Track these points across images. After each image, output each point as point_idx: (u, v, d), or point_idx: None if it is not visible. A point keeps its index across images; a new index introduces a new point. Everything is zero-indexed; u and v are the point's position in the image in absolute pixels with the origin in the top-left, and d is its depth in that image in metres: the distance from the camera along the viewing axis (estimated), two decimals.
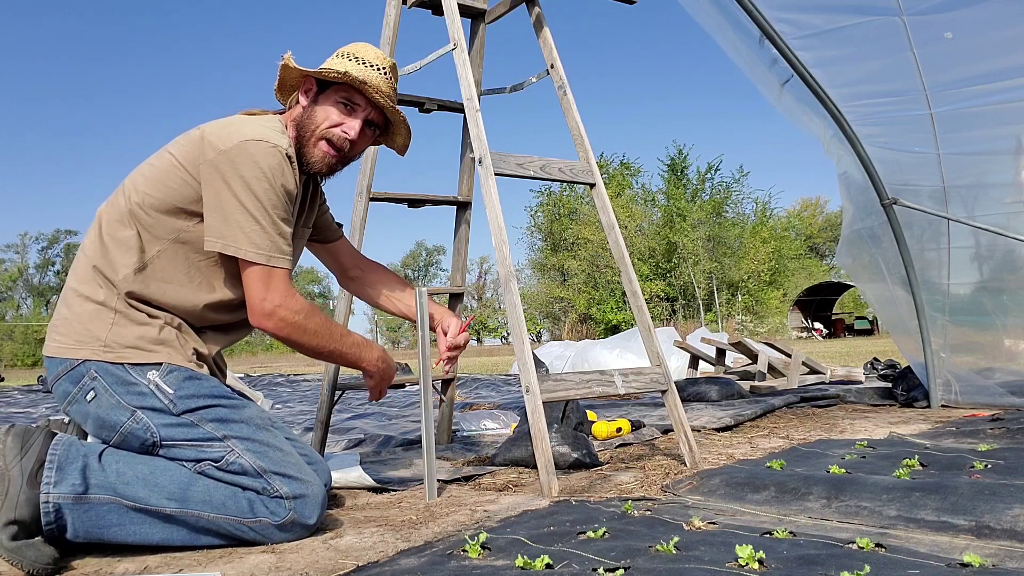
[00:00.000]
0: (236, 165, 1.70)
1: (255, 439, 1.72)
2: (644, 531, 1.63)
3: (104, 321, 1.73)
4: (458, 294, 3.23)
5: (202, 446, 1.69)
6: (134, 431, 1.69)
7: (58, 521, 1.58)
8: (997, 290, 3.89)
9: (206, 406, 1.72)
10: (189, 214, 1.76)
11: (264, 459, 1.71)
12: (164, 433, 1.69)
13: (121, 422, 1.69)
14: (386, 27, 2.87)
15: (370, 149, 2.86)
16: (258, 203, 1.71)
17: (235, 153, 1.71)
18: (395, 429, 3.78)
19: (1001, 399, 3.76)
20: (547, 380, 2.27)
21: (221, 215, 1.71)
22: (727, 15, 3.18)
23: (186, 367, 1.75)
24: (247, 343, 47.61)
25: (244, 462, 1.69)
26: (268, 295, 1.75)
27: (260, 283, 1.74)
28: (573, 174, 2.66)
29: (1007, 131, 3.39)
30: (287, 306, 1.77)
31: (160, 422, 1.69)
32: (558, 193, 36.54)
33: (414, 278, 59.24)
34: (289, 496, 1.69)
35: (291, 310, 1.77)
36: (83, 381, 1.71)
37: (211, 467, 1.69)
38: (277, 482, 1.69)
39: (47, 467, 1.59)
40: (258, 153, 1.71)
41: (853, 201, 3.95)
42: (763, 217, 35.49)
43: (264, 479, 1.69)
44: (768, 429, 3.47)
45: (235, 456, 1.69)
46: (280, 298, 1.76)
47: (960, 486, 1.80)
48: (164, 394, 1.70)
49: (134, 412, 1.68)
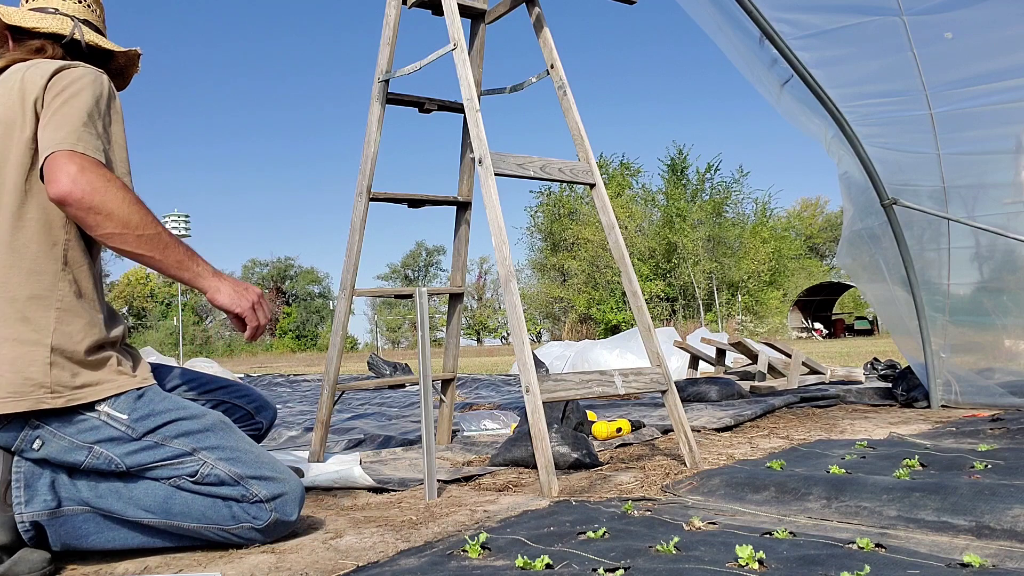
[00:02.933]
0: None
1: (225, 446, 1.66)
2: (644, 531, 1.63)
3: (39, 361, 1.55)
4: (458, 294, 3.23)
5: (173, 464, 1.61)
6: (96, 467, 1.58)
7: (38, 533, 1.55)
8: (997, 290, 3.88)
9: (167, 422, 1.63)
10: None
11: (238, 464, 1.64)
12: (130, 461, 1.59)
13: (80, 461, 1.57)
14: (386, 27, 2.87)
15: (370, 150, 2.87)
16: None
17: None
18: (395, 429, 3.78)
19: (1001, 399, 3.76)
20: (547, 380, 2.27)
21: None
22: (727, 15, 3.18)
23: (132, 388, 1.64)
24: (247, 343, 47.65)
25: (219, 472, 1.63)
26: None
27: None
28: (573, 174, 2.66)
29: (1007, 131, 3.39)
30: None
31: (122, 451, 1.59)
32: (558, 193, 36.59)
33: (414, 278, 59.27)
34: (269, 498, 1.65)
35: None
36: (23, 432, 1.56)
37: (187, 482, 1.62)
38: (255, 486, 1.64)
39: (14, 487, 1.53)
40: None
41: (853, 201, 3.95)
42: (763, 217, 35.52)
43: (242, 486, 1.64)
44: (768, 429, 3.47)
45: (209, 468, 1.62)
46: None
47: (960, 486, 1.79)
48: (119, 422, 1.59)
49: (91, 448, 1.57)
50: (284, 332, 56.64)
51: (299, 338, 56.12)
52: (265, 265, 59.90)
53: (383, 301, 52.83)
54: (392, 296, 3.03)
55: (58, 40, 1.75)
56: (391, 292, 3.02)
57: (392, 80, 2.87)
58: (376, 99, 2.88)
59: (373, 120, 2.88)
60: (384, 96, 2.89)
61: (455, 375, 3.30)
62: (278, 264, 59.95)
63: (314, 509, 2.10)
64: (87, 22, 1.81)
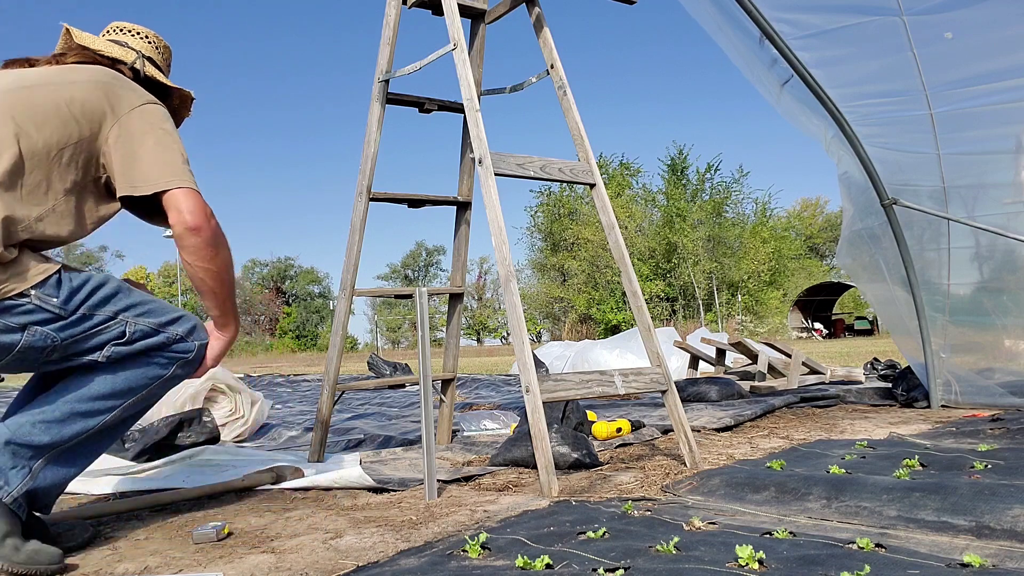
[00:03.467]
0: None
1: (136, 303, 1.80)
2: (644, 531, 1.63)
3: None
4: (458, 294, 3.23)
5: (101, 331, 1.74)
6: (32, 344, 1.67)
7: (33, 504, 1.66)
8: (997, 290, 3.88)
9: (89, 294, 1.74)
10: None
11: (153, 315, 1.81)
12: (63, 335, 1.70)
13: (16, 342, 1.67)
14: (386, 27, 2.87)
15: (370, 150, 2.87)
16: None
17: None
18: (395, 429, 3.78)
19: (1001, 399, 3.76)
20: (547, 380, 2.27)
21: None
22: (727, 15, 3.18)
23: (54, 271, 1.74)
24: (247, 343, 47.65)
25: (142, 326, 1.78)
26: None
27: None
28: (573, 174, 2.66)
29: (1007, 131, 3.39)
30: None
31: (55, 328, 1.69)
32: (558, 193, 36.59)
33: (414, 278, 59.27)
34: (186, 333, 1.85)
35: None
36: None
37: (117, 347, 1.75)
38: (171, 329, 1.83)
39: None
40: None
41: (853, 201, 3.95)
42: (763, 217, 35.51)
43: (163, 332, 1.81)
44: (768, 429, 3.47)
45: (133, 326, 1.77)
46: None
47: (960, 486, 1.80)
48: (49, 304, 1.69)
49: (25, 328, 1.67)
50: (284, 332, 56.62)
51: (299, 338, 56.09)
52: (265, 265, 59.89)
53: (383, 301, 52.84)
54: (392, 296, 3.03)
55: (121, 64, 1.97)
56: (391, 292, 3.03)
57: (392, 80, 2.87)
58: (376, 99, 2.88)
59: (373, 120, 2.88)
60: (384, 96, 2.89)
61: (455, 375, 3.30)
62: (278, 264, 59.93)
63: (314, 509, 2.10)
64: (151, 59, 2.05)
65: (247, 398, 3.92)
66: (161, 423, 3.11)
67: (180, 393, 3.64)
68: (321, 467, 2.67)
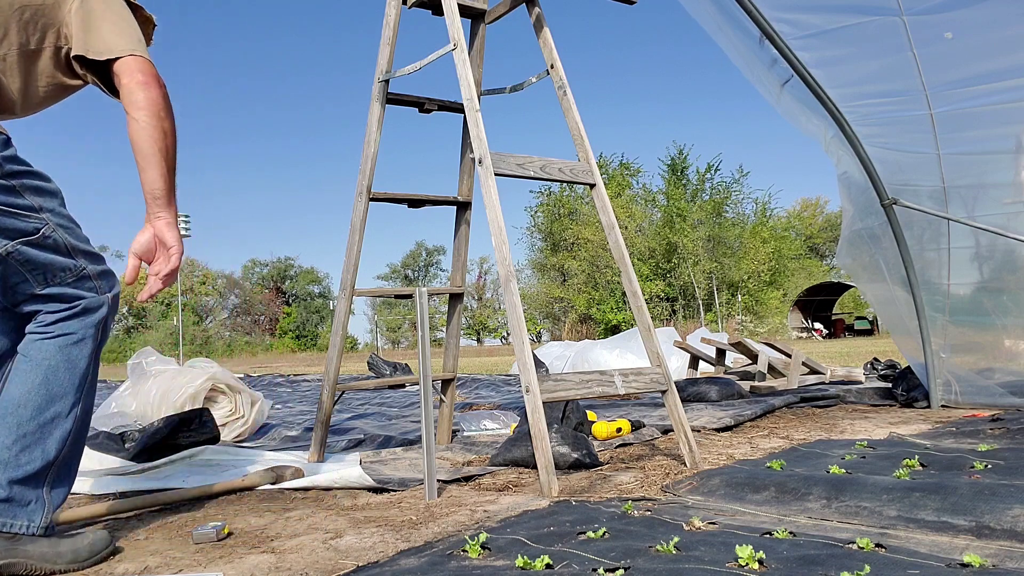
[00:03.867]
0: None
1: (68, 218, 1.76)
2: (644, 531, 1.63)
3: None
4: (458, 294, 3.23)
5: (21, 215, 1.69)
6: None
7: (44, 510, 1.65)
8: (997, 290, 3.88)
9: (26, 171, 1.71)
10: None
11: (74, 237, 1.76)
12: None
13: None
14: (386, 27, 2.87)
15: (370, 150, 2.87)
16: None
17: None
18: (395, 429, 3.78)
19: (1001, 399, 3.76)
20: (547, 380, 2.27)
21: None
22: (727, 15, 3.18)
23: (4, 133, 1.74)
24: (247, 343, 47.64)
25: (58, 237, 1.72)
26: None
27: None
28: (573, 174, 2.66)
29: (1007, 131, 3.39)
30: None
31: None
32: (558, 193, 36.59)
33: (414, 278, 59.26)
34: (96, 274, 1.77)
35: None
36: None
37: (22, 245, 1.68)
38: (83, 261, 1.76)
39: None
40: None
41: (853, 201, 3.95)
42: (763, 217, 35.52)
43: (73, 259, 1.74)
44: (768, 429, 3.47)
45: (50, 230, 1.72)
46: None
47: (960, 486, 1.80)
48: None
49: None
50: (284, 332, 56.62)
51: (299, 338, 56.10)
52: (265, 265, 59.90)
53: (383, 301, 52.84)
54: (392, 296, 3.04)
55: None
56: (391, 292, 3.03)
57: (392, 80, 2.87)
58: (376, 99, 2.88)
59: (373, 120, 2.88)
60: (384, 96, 2.89)
61: (455, 375, 3.30)
62: (278, 264, 59.93)
63: (314, 509, 2.10)
64: None
65: (247, 398, 3.92)
66: (161, 423, 3.10)
67: (180, 393, 3.64)
68: (321, 467, 2.67)
